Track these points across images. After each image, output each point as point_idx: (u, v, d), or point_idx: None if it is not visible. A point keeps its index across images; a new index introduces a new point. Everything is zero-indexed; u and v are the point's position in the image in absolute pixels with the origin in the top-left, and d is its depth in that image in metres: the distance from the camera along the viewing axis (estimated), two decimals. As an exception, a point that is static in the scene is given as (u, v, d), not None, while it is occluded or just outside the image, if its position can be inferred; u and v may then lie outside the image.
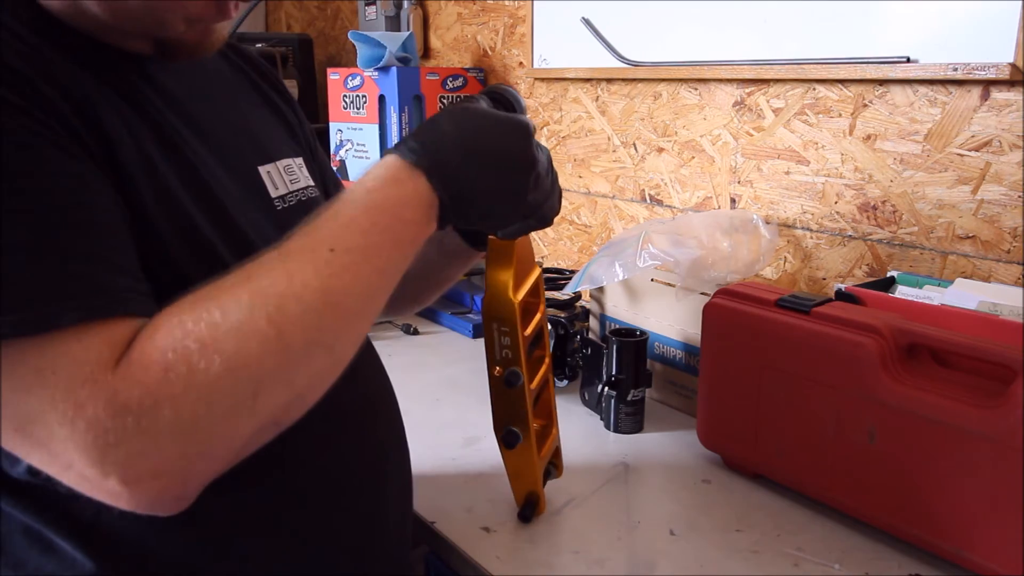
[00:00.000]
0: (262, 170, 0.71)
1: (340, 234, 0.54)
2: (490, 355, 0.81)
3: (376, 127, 1.67)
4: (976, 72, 0.99)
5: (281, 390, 0.50)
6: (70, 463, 0.46)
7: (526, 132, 0.65)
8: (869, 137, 1.14)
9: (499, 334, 0.80)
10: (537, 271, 0.87)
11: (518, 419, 0.83)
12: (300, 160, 0.78)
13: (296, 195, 0.74)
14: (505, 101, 0.73)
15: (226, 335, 0.48)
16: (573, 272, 1.28)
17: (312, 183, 0.78)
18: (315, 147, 0.86)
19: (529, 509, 0.88)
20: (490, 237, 0.78)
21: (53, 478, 0.49)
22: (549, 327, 0.93)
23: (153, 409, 0.46)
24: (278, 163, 0.74)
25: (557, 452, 0.95)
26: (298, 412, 0.53)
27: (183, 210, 0.59)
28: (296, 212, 0.72)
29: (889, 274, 1.05)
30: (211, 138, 0.66)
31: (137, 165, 0.57)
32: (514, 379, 0.81)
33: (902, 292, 0.99)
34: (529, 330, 0.82)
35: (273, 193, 0.71)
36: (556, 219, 1.61)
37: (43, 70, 0.53)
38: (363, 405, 0.74)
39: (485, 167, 0.61)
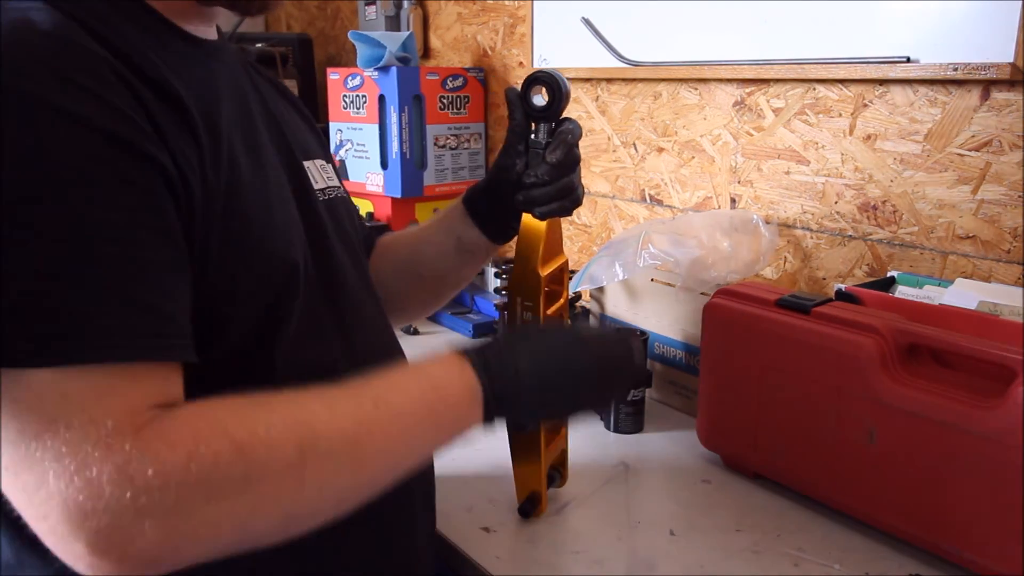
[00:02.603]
0: (305, 164, 0.74)
1: (386, 393, 0.56)
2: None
3: (376, 127, 1.67)
4: (976, 72, 0.99)
5: (278, 515, 0.51)
6: (46, 515, 0.45)
7: (620, 360, 0.67)
8: (869, 137, 1.14)
9: (522, 309, 0.81)
10: (563, 258, 0.88)
11: None
12: (331, 167, 0.81)
13: (333, 191, 0.77)
14: (551, 85, 0.77)
15: (259, 445, 0.49)
16: (573, 272, 1.28)
17: (341, 186, 0.81)
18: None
19: (529, 505, 0.88)
20: (524, 215, 0.81)
21: None
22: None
23: (159, 491, 0.45)
24: (315, 161, 0.77)
25: (563, 459, 0.95)
26: (271, 538, 0.52)
27: (275, 207, 0.62)
28: (335, 204, 0.76)
29: (889, 274, 1.05)
30: (261, 130, 0.69)
31: (236, 142, 0.59)
32: None
33: (902, 292, 0.99)
34: (551, 310, 0.84)
35: (315, 185, 0.74)
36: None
37: (143, 54, 0.55)
38: None
39: (546, 389, 0.63)
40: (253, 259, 0.60)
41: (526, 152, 0.80)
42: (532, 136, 0.80)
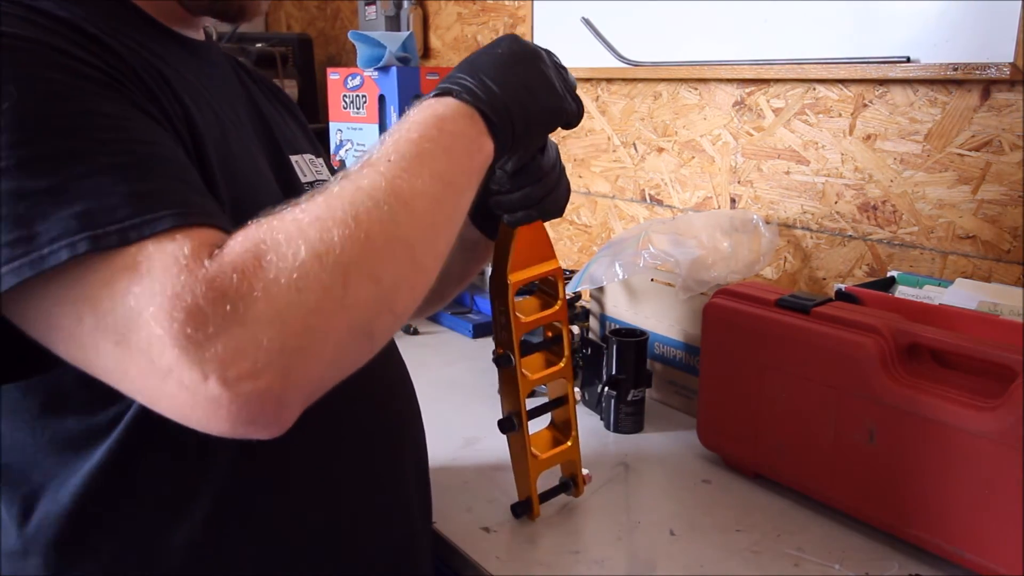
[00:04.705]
0: (292, 158, 0.75)
1: (394, 147, 0.56)
2: (495, 335, 0.84)
3: (376, 127, 1.67)
4: (976, 72, 0.99)
5: (367, 283, 0.49)
6: (169, 368, 0.44)
7: (516, 39, 0.68)
8: (869, 137, 1.14)
9: (499, 314, 0.82)
10: (553, 265, 0.84)
11: (513, 405, 0.85)
12: (321, 160, 0.82)
13: (322, 183, 0.76)
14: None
15: (308, 225, 0.49)
16: (573, 272, 1.28)
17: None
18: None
19: (520, 508, 0.89)
20: (501, 224, 0.80)
21: None
22: (574, 331, 0.91)
23: (248, 295, 0.45)
24: (303, 156, 0.77)
25: (575, 468, 0.91)
26: (388, 322, 0.52)
27: (242, 179, 0.62)
28: None
29: (889, 274, 1.05)
30: (247, 125, 0.71)
31: (208, 129, 0.60)
32: (505, 361, 0.82)
33: (902, 292, 0.99)
34: (528, 319, 0.82)
35: (302, 179, 0.75)
36: (556, 219, 1.61)
37: (115, 34, 0.57)
38: (379, 382, 0.75)
39: (499, 70, 0.64)
40: None
41: None
42: None
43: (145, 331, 0.44)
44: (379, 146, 0.57)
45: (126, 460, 0.58)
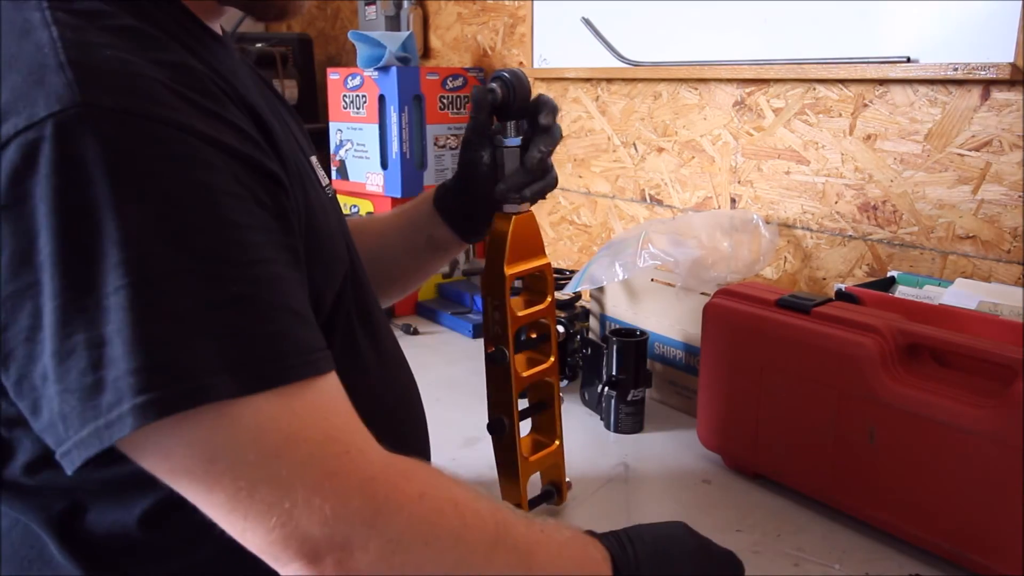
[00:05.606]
0: (311, 159, 0.74)
1: (522, 529, 0.55)
2: (486, 333, 0.82)
3: (376, 127, 1.67)
4: (976, 72, 0.99)
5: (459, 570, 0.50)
6: (283, 523, 0.45)
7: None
8: (869, 137, 1.14)
9: (492, 308, 0.81)
10: (543, 260, 0.84)
11: (504, 405, 0.83)
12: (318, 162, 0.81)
13: (331, 188, 0.77)
14: (513, 84, 0.78)
15: (470, 510, 0.51)
16: (573, 272, 1.28)
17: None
18: None
19: None
20: (495, 219, 0.80)
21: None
22: (559, 330, 0.91)
23: (394, 514, 0.47)
24: (312, 158, 0.77)
25: (560, 474, 0.90)
26: None
27: (310, 199, 0.61)
28: (334, 200, 0.76)
29: (889, 274, 1.05)
30: (289, 131, 0.69)
31: (289, 164, 0.58)
32: (500, 356, 0.81)
33: (902, 292, 0.99)
34: (523, 312, 0.82)
35: (322, 183, 0.74)
36: (556, 219, 1.61)
37: (217, 76, 0.53)
38: (398, 398, 0.76)
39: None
40: (324, 265, 0.60)
41: (491, 145, 0.82)
42: (501, 136, 0.81)
43: (280, 490, 0.44)
44: (516, 514, 0.56)
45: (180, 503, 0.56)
